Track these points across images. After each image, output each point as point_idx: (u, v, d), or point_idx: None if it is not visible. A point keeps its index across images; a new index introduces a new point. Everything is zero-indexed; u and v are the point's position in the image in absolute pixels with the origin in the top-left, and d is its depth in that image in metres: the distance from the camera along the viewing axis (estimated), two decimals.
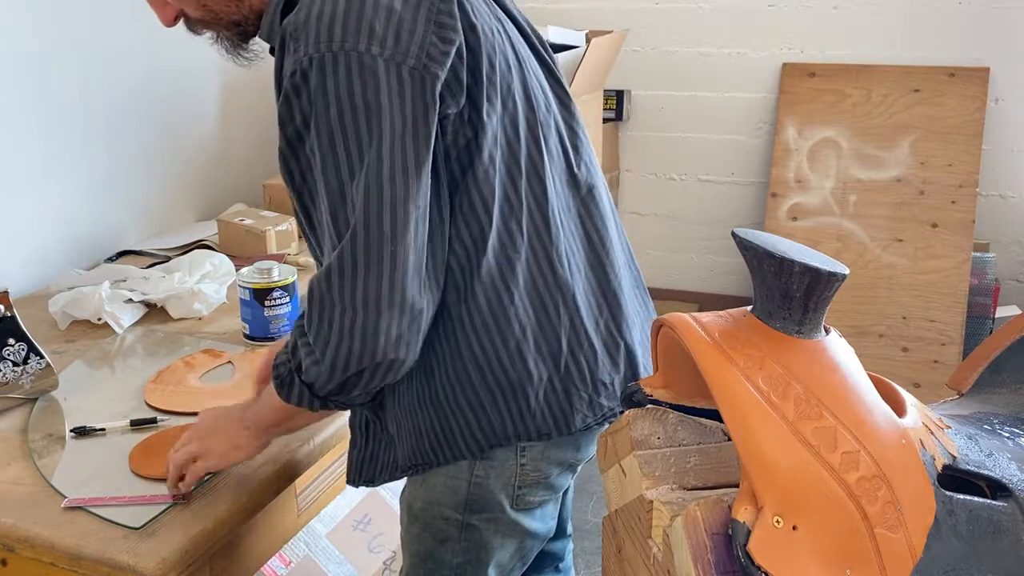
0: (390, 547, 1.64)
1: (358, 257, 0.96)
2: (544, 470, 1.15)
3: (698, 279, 3.30)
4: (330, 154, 0.98)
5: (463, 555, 1.17)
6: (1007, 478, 0.87)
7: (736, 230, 0.89)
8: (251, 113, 2.56)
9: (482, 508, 1.14)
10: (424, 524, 1.18)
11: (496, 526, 1.16)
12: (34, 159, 1.90)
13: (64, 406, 1.37)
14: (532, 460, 1.14)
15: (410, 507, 1.20)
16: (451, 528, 1.16)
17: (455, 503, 1.14)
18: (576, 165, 1.18)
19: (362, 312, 0.97)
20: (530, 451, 1.13)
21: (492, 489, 1.14)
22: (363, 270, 0.96)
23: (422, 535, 1.19)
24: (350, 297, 0.97)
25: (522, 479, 1.14)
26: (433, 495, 1.15)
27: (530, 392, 1.10)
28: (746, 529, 0.77)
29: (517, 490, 1.15)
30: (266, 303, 1.57)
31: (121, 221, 2.15)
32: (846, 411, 0.82)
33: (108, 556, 1.03)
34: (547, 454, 1.14)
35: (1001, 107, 2.83)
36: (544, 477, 1.16)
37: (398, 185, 0.96)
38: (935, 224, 2.82)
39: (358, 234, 0.96)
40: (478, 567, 1.18)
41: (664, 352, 0.96)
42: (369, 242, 0.96)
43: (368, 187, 0.96)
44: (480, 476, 1.13)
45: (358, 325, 0.97)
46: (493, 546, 1.18)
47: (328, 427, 1.32)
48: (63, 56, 1.94)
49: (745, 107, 3.08)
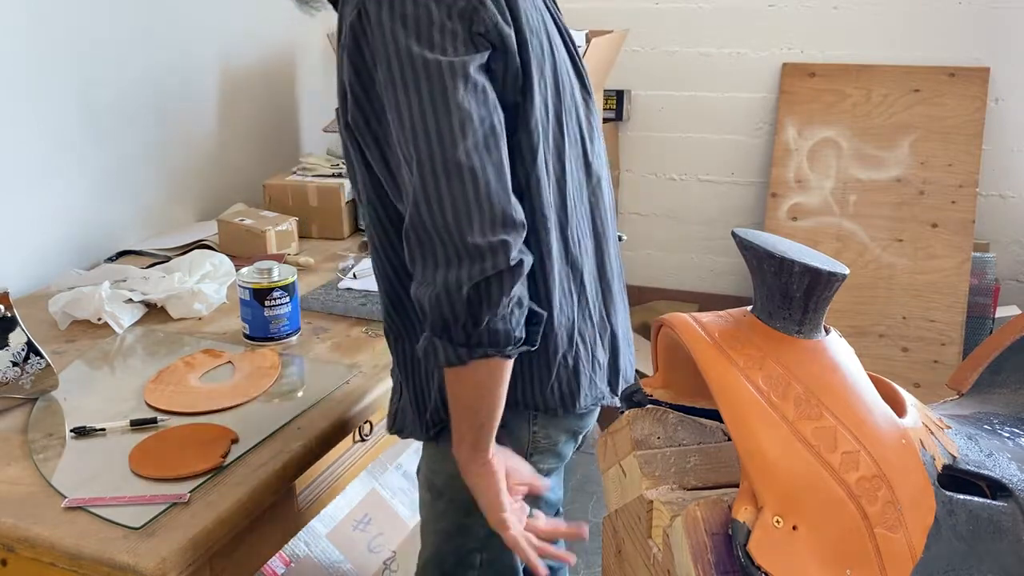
0: (390, 547, 1.64)
1: (439, 178, 0.97)
2: (554, 437, 1.22)
3: (698, 279, 3.30)
4: (391, 87, 0.99)
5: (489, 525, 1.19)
6: (1007, 478, 0.87)
7: (736, 230, 0.89)
8: (251, 113, 2.56)
9: None
10: (450, 499, 1.22)
11: None
12: (34, 159, 1.90)
13: (64, 406, 1.37)
14: (543, 428, 1.21)
15: (432, 484, 1.24)
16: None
17: None
18: (590, 154, 1.22)
19: (456, 230, 0.97)
20: (541, 419, 1.20)
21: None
22: (446, 189, 0.97)
23: (448, 510, 1.23)
24: (441, 220, 0.97)
25: (534, 446, 1.21)
26: (455, 468, 1.16)
27: (552, 364, 1.16)
28: (746, 529, 0.77)
29: (530, 458, 1.21)
30: (266, 303, 1.57)
31: (121, 221, 2.15)
32: (846, 411, 0.82)
33: (108, 556, 1.03)
34: (556, 422, 1.21)
35: (1001, 107, 2.83)
36: (553, 444, 1.23)
37: (464, 104, 0.98)
38: (935, 224, 2.82)
39: (435, 155, 0.97)
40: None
41: (664, 352, 0.96)
42: (447, 161, 0.97)
43: (436, 108, 0.97)
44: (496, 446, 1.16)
45: (455, 243, 0.97)
46: None
47: (327, 426, 1.32)
48: (63, 55, 1.94)
49: (745, 107, 3.08)
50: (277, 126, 2.69)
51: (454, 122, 0.97)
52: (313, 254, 2.07)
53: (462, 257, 0.97)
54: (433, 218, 0.97)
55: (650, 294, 3.29)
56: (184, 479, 1.17)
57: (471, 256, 0.97)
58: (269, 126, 2.65)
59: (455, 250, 0.97)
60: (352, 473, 1.49)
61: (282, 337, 1.59)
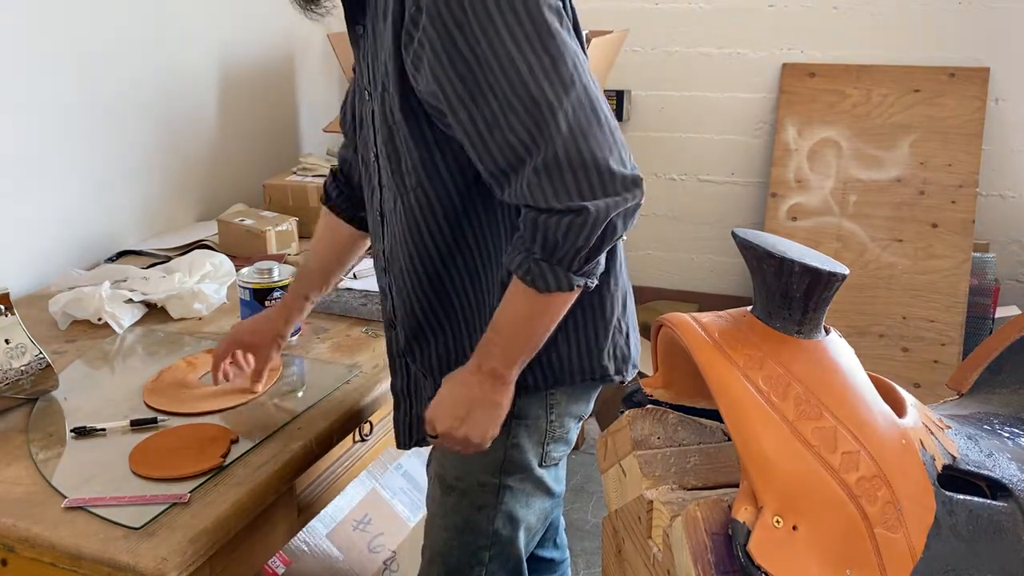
0: (390, 547, 1.64)
1: (584, 111, 1.01)
2: (565, 424, 1.25)
3: (698, 279, 3.29)
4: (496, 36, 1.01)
5: (499, 520, 1.24)
6: (1007, 478, 0.87)
7: (736, 230, 0.89)
8: (251, 113, 2.56)
9: (515, 469, 1.22)
10: (461, 493, 1.24)
11: (526, 486, 1.24)
12: (34, 159, 1.90)
13: (64, 406, 1.37)
14: (558, 416, 1.23)
15: (442, 480, 1.26)
16: (488, 494, 1.22)
17: (491, 467, 1.21)
18: None
19: (603, 161, 1.01)
20: (556, 407, 1.22)
21: (525, 449, 1.21)
22: (586, 121, 1.01)
23: (459, 505, 1.24)
24: (589, 152, 1.01)
25: (550, 435, 1.23)
26: (467, 462, 1.20)
27: (608, 327, 1.20)
28: (746, 529, 0.77)
29: (545, 448, 1.23)
30: (266, 303, 1.56)
31: (121, 221, 2.15)
32: (846, 411, 0.82)
33: (108, 556, 1.03)
34: (568, 408, 1.24)
35: (1001, 107, 2.83)
36: (565, 432, 1.25)
37: (568, 41, 1.03)
38: (935, 224, 2.82)
39: (573, 90, 1.01)
40: (512, 530, 1.25)
41: (664, 352, 0.96)
42: (579, 95, 1.01)
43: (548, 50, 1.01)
44: (516, 437, 1.20)
45: (604, 174, 1.01)
46: (524, 507, 1.25)
47: (327, 426, 1.32)
48: (63, 56, 1.94)
49: (745, 107, 3.08)
50: (277, 126, 2.69)
51: (568, 62, 1.02)
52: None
53: (614, 187, 1.01)
54: (581, 149, 1.00)
55: (650, 294, 3.29)
56: (184, 479, 1.17)
57: (619, 187, 1.01)
58: (269, 126, 2.65)
59: (606, 180, 1.01)
60: (352, 473, 1.49)
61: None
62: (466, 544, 1.25)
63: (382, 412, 1.50)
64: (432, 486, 1.28)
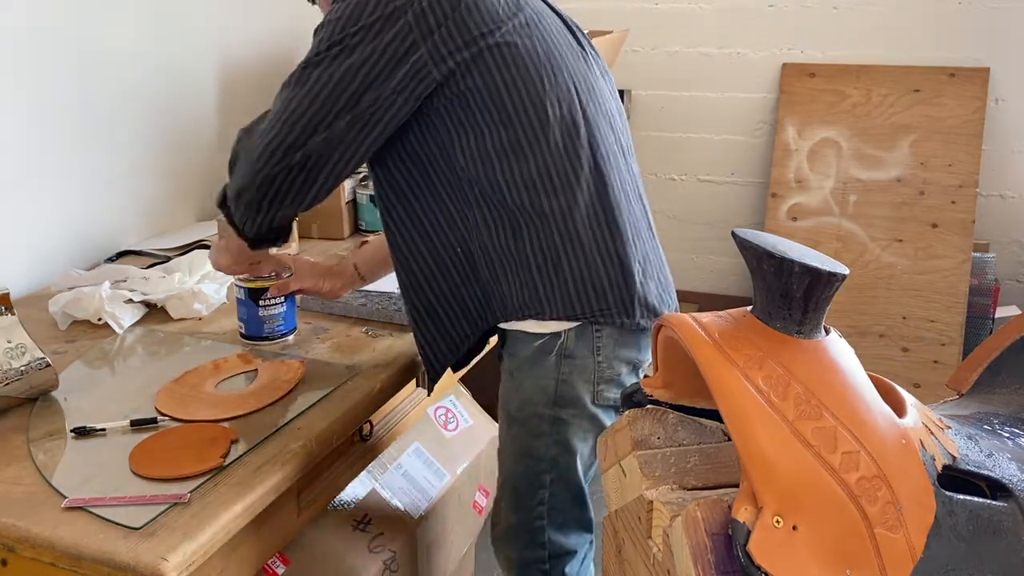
0: (390, 547, 1.64)
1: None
2: (616, 368, 1.35)
3: (698, 279, 3.29)
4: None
5: (555, 447, 1.37)
6: (1007, 478, 0.87)
7: (736, 230, 0.89)
8: (251, 113, 2.55)
9: (568, 403, 1.35)
10: (521, 423, 1.38)
11: (580, 419, 1.36)
12: (34, 159, 1.90)
13: (64, 406, 1.37)
14: (606, 358, 1.33)
15: (508, 412, 1.41)
16: (544, 424, 1.36)
17: (546, 400, 1.35)
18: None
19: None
20: (603, 349, 1.33)
21: (575, 385, 1.34)
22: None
23: (519, 433, 1.39)
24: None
25: (599, 376, 1.34)
26: (527, 395, 1.36)
27: (634, 271, 1.32)
28: (746, 529, 0.77)
29: (596, 386, 1.34)
30: (261, 303, 1.57)
31: (121, 221, 2.15)
32: (846, 411, 0.82)
33: (108, 556, 1.03)
34: (617, 352, 1.34)
35: (1001, 107, 2.83)
36: (616, 375, 1.35)
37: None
38: (935, 224, 2.82)
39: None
40: (568, 457, 1.38)
41: (664, 352, 0.96)
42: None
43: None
44: (565, 374, 1.33)
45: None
46: (578, 438, 1.37)
47: (327, 426, 1.32)
48: (62, 56, 1.93)
49: (745, 107, 3.08)
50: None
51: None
52: (313, 254, 2.07)
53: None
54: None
55: None
56: (184, 479, 1.17)
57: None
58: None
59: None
60: (352, 473, 1.49)
61: (277, 337, 1.59)
62: (529, 468, 1.39)
63: (382, 412, 1.50)
64: (499, 418, 1.43)
